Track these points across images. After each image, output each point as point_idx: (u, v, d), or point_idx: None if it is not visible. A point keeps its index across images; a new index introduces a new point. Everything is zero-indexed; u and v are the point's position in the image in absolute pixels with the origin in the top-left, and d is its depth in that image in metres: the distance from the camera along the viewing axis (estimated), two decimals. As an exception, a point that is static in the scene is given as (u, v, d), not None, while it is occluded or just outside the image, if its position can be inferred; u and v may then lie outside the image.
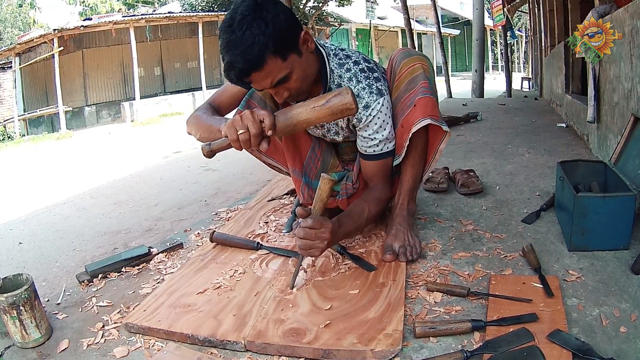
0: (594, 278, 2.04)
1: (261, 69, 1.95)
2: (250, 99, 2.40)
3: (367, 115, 2.30)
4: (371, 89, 2.28)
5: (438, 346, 1.68)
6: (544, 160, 4.03)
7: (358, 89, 2.26)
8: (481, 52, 14.72)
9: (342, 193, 2.62)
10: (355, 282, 2.10)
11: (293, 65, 2.04)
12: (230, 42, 1.92)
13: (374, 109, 2.29)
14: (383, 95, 2.31)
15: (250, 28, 1.90)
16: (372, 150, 2.40)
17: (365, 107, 2.29)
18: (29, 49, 19.11)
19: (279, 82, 2.04)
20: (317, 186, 2.45)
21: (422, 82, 2.36)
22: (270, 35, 1.92)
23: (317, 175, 2.58)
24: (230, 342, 1.74)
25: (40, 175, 8.75)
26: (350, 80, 2.27)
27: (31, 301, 1.84)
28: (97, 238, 3.33)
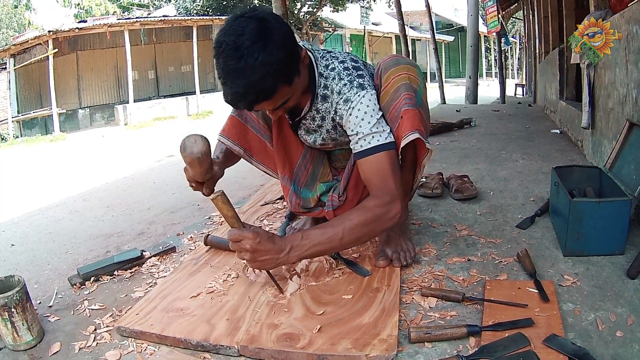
0: (589, 283, 2.04)
1: (271, 98, 1.90)
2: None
3: (347, 109, 2.15)
4: (352, 84, 2.16)
5: (433, 351, 1.67)
6: (538, 166, 4.03)
7: (340, 86, 2.16)
8: (475, 58, 14.75)
9: (327, 205, 2.53)
10: (350, 287, 2.09)
11: (295, 87, 2.00)
12: (238, 70, 1.80)
13: (354, 101, 2.14)
14: (365, 89, 2.15)
15: (261, 55, 1.78)
16: (360, 145, 2.14)
17: (346, 100, 2.15)
18: (23, 50, 19.05)
19: (281, 105, 2.00)
20: (306, 195, 2.45)
21: (404, 93, 2.19)
22: (282, 62, 1.84)
23: (306, 184, 2.54)
24: (224, 346, 1.72)
25: (33, 178, 8.73)
26: (334, 79, 2.17)
27: (23, 303, 1.83)
28: (89, 241, 3.31)
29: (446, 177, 3.59)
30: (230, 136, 2.42)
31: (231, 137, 2.42)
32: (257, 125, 2.44)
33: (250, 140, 2.47)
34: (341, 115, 2.18)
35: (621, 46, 3.18)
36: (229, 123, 2.44)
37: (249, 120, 2.43)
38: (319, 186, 2.55)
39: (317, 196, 2.54)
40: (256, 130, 2.45)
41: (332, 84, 2.17)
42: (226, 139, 2.42)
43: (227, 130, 2.43)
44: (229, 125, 2.43)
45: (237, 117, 2.41)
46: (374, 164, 2.13)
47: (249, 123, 2.43)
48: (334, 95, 2.17)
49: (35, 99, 19.98)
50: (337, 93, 2.16)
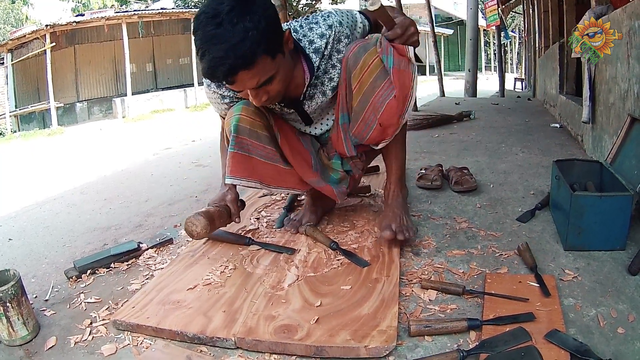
0: (590, 278, 2.02)
1: (251, 68, 1.84)
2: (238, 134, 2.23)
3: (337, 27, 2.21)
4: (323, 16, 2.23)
5: (433, 345, 1.65)
6: (538, 160, 4.02)
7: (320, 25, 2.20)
8: (474, 51, 14.74)
9: (355, 171, 2.57)
10: (348, 277, 2.08)
11: (279, 65, 1.96)
12: (217, 35, 1.79)
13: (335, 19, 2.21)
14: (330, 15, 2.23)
15: (241, 21, 1.78)
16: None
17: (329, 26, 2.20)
18: (21, 45, 19.03)
19: (264, 83, 1.95)
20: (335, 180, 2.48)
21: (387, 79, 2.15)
22: (263, 31, 1.82)
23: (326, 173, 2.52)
24: (220, 339, 1.70)
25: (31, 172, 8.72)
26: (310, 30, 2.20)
27: (18, 298, 1.81)
28: (87, 234, 3.28)
29: (446, 169, 3.58)
30: (239, 175, 2.28)
31: (240, 175, 2.28)
32: (263, 151, 2.31)
33: (261, 170, 2.33)
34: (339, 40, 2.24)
35: (623, 41, 3.15)
36: (233, 161, 2.25)
37: (252, 150, 2.28)
38: (334, 163, 2.55)
39: (341, 171, 2.54)
40: (264, 158, 2.32)
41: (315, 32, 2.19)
42: (238, 180, 2.28)
43: (234, 170, 2.26)
44: (234, 163, 2.25)
45: (238, 151, 2.24)
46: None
47: (253, 153, 2.29)
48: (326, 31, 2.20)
49: (32, 93, 19.97)
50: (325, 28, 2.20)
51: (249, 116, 2.24)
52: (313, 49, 2.19)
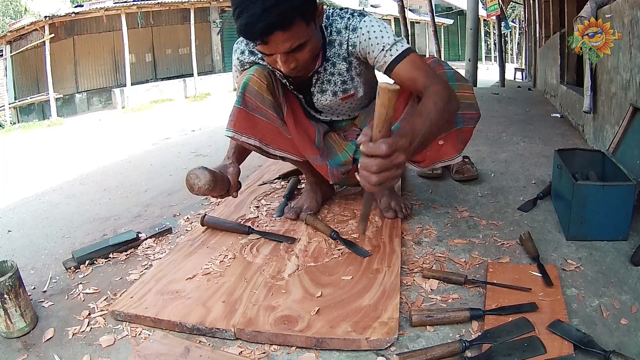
0: (593, 268, 2.01)
1: (287, 29, 1.83)
2: (245, 92, 2.25)
3: (359, 35, 2.17)
4: (353, 16, 2.20)
5: (435, 335, 1.64)
6: (539, 149, 4.01)
7: (344, 23, 2.19)
8: (475, 41, 14.69)
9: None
10: (349, 268, 2.06)
11: (311, 34, 1.97)
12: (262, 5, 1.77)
13: (362, 27, 2.16)
14: (366, 14, 2.21)
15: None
16: (390, 55, 2.11)
17: (354, 29, 2.17)
18: (20, 36, 18.98)
19: (295, 49, 1.93)
20: (339, 162, 2.46)
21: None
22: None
23: (330, 154, 2.51)
24: (220, 329, 1.69)
25: (30, 163, 8.69)
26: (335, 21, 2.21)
27: (16, 289, 1.79)
28: (86, 225, 3.27)
29: (447, 158, 3.53)
30: (241, 130, 2.29)
31: (242, 130, 2.30)
32: (266, 114, 2.30)
33: (263, 129, 2.33)
34: (354, 44, 2.20)
35: (625, 31, 3.14)
36: (237, 116, 2.28)
37: (256, 109, 2.28)
38: (348, 146, 2.53)
39: (350, 156, 2.51)
40: (266, 118, 2.31)
41: (335, 26, 2.20)
42: (239, 135, 2.30)
43: (237, 125, 2.29)
44: (238, 119, 2.28)
45: (243, 108, 2.26)
46: (411, 64, 2.11)
47: (257, 112, 2.29)
48: (342, 32, 2.20)
49: (32, 84, 19.93)
50: (344, 29, 2.19)
51: (260, 79, 2.25)
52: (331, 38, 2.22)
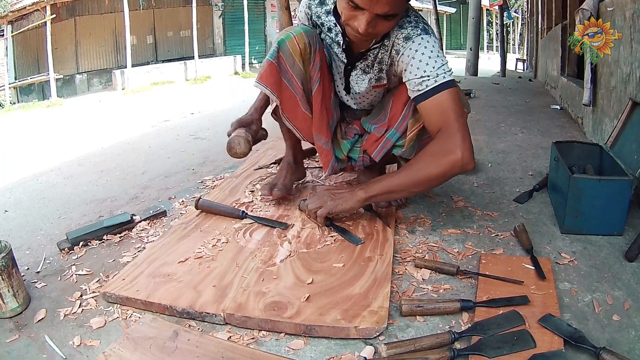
0: (587, 263, 2.02)
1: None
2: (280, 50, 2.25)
3: (407, 47, 2.11)
4: (417, 26, 2.13)
5: (425, 326, 1.64)
6: (537, 141, 4.00)
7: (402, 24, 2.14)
8: (477, 30, 14.68)
9: (359, 163, 2.59)
10: (341, 255, 2.05)
11: (402, 11, 2.01)
12: None
13: (414, 42, 2.09)
14: (428, 33, 2.13)
15: None
16: (425, 85, 2.08)
17: (406, 38, 2.11)
18: (21, 16, 18.89)
19: (386, 17, 1.92)
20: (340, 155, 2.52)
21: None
22: None
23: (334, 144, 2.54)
24: (209, 314, 1.69)
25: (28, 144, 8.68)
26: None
27: (8, 270, 1.78)
28: (82, 206, 3.27)
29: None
30: (269, 85, 2.29)
31: (270, 85, 2.29)
32: (291, 80, 2.30)
33: (283, 93, 2.33)
34: (399, 51, 2.16)
35: (626, 24, 3.13)
36: (267, 70, 2.26)
37: (285, 72, 2.28)
38: (343, 144, 2.55)
39: (344, 155, 2.55)
40: (290, 85, 2.31)
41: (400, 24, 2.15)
42: (266, 88, 2.29)
43: (265, 78, 2.28)
44: (268, 73, 2.27)
45: (275, 64, 2.25)
46: (437, 105, 2.10)
47: (285, 75, 2.29)
48: (398, 34, 2.15)
49: (32, 65, 19.88)
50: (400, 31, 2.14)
51: (298, 42, 2.23)
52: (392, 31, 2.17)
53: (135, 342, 1.55)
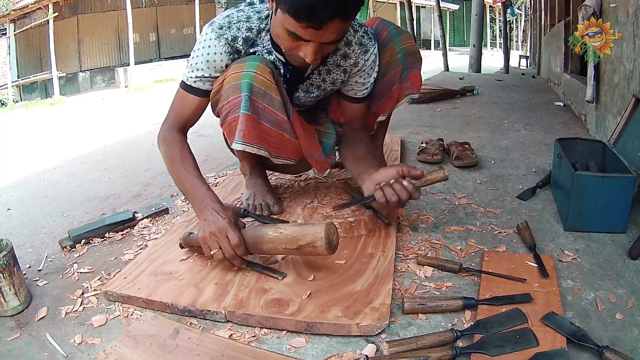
0: (590, 260, 2.00)
1: (346, 21, 1.79)
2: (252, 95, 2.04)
3: (365, 60, 2.25)
4: (368, 34, 2.21)
5: (427, 324, 1.63)
6: (540, 138, 3.99)
7: (358, 37, 2.18)
8: (480, 27, 14.68)
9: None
10: (343, 252, 2.03)
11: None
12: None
13: (371, 54, 2.25)
14: (375, 39, 2.28)
15: None
16: (362, 93, 2.39)
17: (365, 51, 2.23)
18: (23, 15, 18.95)
19: (333, 42, 1.88)
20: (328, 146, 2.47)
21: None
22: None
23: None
24: (211, 312, 1.68)
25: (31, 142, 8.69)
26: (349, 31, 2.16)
27: (10, 268, 1.78)
28: (85, 204, 3.26)
29: (447, 144, 3.55)
30: (251, 141, 2.13)
31: (252, 141, 2.13)
32: (274, 116, 2.13)
33: (268, 138, 2.18)
34: (357, 64, 2.26)
35: (629, 20, 3.12)
36: (245, 125, 2.08)
37: (262, 115, 2.10)
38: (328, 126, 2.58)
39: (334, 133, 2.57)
40: (272, 124, 2.15)
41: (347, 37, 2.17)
42: (249, 146, 2.14)
43: (247, 135, 2.11)
44: (247, 127, 2.08)
45: (252, 115, 2.07)
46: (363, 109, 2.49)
47: (264, 117, 2.11)
48: (353, 46, 2.21)
49: (35, 63, 19.94)
50: (356, 44, 2.21)
51: (265, 76, 2.04)
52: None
53: (135, 340, 1.54)
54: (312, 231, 1.75)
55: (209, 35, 2.06)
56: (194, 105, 2.24)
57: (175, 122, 2.28)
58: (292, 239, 1.78)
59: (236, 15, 2.11)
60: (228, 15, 2.12)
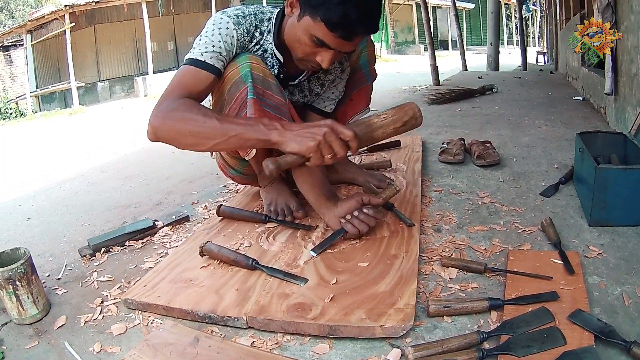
0: (615, 255, 1.97)
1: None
2: (254, 82, 2.03)
3: (341, 78, 2.46)
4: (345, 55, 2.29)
5: (452, 326, 1.60)
6: (561, 133, 3.95)
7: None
8: (496, 25, 14.64)
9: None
10: (366, 254, 2.02)
11: None
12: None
13: (346, 74, 2.46)
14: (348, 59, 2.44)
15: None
16: (330, 108, 2.54)
17: (342, 70, 2.43)
18: (40, 25, 19.17)
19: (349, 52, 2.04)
20: None
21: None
22: None
23: None
24: (232, 318, 1.66)
25: (51, 151, 8.75)
26: None
27: (28, 276, 1.78)
28: (106, 212, 3.27)
29: (468, 143, 3.52)
30: None
31: None
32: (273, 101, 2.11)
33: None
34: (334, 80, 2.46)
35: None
36: (255, 108, 2.03)
37: (264, 100, 2.07)
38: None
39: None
40: (273, 109, 2.11)
41: None
42: None
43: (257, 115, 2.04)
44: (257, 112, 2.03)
45: (257, 99, 2.04)
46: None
47: (264, 103, 2.07)
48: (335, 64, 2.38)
49: (53, 73, 20.15)
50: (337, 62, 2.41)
51: (260, 65, 2.08)
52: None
53: (155, 349, 1.53)
54: (409, 107, 2.00)
55: (225, 19, 2.06)
56: (208, 82, 2.02)
57: (184, 94, 1.95)
58: (398, 119, 1.97)
59: (247, 11, 2.13)
60: (241, 9, 2.15)
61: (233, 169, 2.55)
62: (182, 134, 1.86)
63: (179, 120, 1.86)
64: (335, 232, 2.15)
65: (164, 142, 1.91)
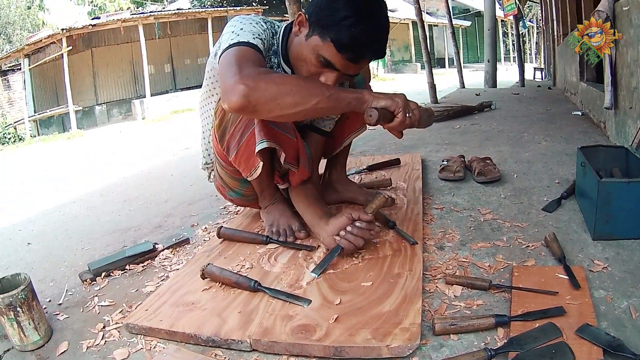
0: (620, 268, 1.95)
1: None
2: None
3: None
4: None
5: (459, 344, 1.58)
6: (561, 148, 3.95)
7: None
8: (493, 42, 14.69)
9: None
10: (369, 273, 2.01)
11: None
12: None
13: None
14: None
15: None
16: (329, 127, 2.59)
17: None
18: (37, 49, 19.23)
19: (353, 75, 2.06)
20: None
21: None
22: None
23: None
24: (235, 341, 1.64)
25: (50, 175, 8.76)
26: None
27: (29, 302, 1.77)
28: (106, 236, 3.27)
29: (468, 160, 3.51)
30: (271, 139, 2.09)
31: (271, 139, 2.09)
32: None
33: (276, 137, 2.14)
34: None
35: (645, 22, 3.08)
36: (262, 125, 2.06)
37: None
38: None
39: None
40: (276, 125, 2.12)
41: None
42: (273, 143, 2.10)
43: (267, 134, 2.07)
44: (264, 128, 2.07)
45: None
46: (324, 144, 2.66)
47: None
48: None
49: (51, 97, 20.21)
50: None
51: None
52: None
53: (159, 374, 1.51)
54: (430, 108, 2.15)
55: (255, 18, 2.07)
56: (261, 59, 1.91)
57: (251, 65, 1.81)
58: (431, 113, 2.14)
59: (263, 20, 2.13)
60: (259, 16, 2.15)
61: (233, 190, 2.55)
62: (282, 93, 1.74)
63: (275, 79, 1.76)
64: (331, 250, 2.15)
65: (255, 106, 1.72)
